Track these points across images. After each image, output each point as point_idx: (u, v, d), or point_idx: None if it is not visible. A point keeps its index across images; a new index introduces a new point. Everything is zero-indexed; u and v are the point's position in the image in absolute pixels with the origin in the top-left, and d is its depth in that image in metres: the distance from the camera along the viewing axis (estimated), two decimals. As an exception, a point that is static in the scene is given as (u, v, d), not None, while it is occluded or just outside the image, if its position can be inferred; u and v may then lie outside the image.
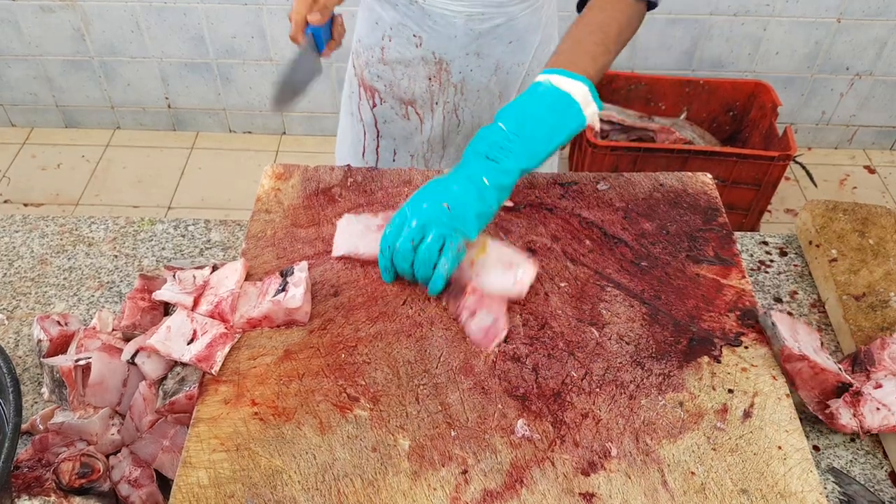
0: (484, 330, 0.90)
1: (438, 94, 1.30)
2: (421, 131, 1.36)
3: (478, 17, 1.19)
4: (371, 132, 1.40)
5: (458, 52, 1.23)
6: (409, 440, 0.81)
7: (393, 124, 1.37)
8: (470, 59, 1.24)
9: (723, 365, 0.89)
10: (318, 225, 1.04)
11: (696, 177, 1.13)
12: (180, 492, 0.76)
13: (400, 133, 1.38)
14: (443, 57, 1.24)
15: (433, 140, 1.38)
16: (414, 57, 1.25)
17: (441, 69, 1.26)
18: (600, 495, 0.77)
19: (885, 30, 2.55)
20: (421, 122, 1.35)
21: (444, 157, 1.41)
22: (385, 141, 1.40)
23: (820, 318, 1.09)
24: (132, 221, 1.22)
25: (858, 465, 0.91)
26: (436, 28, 1.21)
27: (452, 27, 1.20)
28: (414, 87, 1.30)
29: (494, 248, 0.96)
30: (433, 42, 1.23)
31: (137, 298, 0.97)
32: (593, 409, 0.84)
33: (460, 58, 1.24)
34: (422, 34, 1.22)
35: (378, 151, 1.42)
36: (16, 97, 2.85)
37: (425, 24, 1.21)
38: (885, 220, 1.15)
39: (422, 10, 1.20)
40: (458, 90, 1.29)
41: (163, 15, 2.59)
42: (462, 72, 1.26)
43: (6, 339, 1.03)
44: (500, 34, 1.22)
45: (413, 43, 1.24)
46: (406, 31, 1.23)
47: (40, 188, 2.70)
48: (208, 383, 0.86)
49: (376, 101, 1.35)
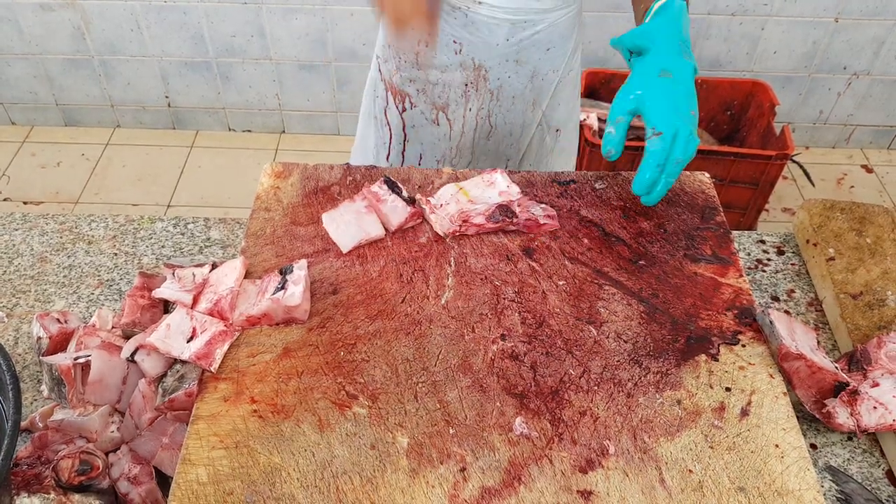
0: None
1: (474, 99, 1.30)
2: (450, 137, 1.36)
3: (521, 25, 1.20)
4: (398, 136, 1.39)
5: (497, 59, 1.24)
6: (407, 438, 0.81)
7: (422, 129, 1.37)
8: (509, 65, 1.25)
9: (720, 363, 0.89)
10: (318, 223, 1.04)
11: (693, 176, 1.13)
12: (179, 489, 0.76)
13: (428, 138, 1.38)
14: (482, 63, 1.24)
15: (462, 146, 1.38)
16: (452, 63, 1.25)
17: (479, 76, 1.26)
18: (598, 493, 0.77)
19: (882, 29, 2.55)
20: (451, 128, 1.35)
21: (471, 163, 1.41)
22: (412, 146, 1.40)
23: (817, 316, 1.10)
24: (132, 219, 1.22)
25: (855, 464, 0.92)
26: (478, 35, 1.21)
27: (495, 35, 1.20)
28: (448, 93, 1.30)
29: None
30: (473, 49, 1.23)
31: (137, 296, 0.98)
32: (591, 407, 0.84)
33: (500, 65, 1.25)
34: (462, 41, 1.22)
35: (404, 155, 1.42)
36: (16, 95, 2.85)
37: (467, 30, 1.21)
38: (882, 218, 1.16)
39: (465, 17, 1.19)
40: (494, 96, 1.29)
41: (163, 14, 2.59)
42: (500, 78, 1.27)
43: (6, 337, 1.04)
44: (539, 41, 1.23)
45: (452, 49, 1.23)
46: (445, 38, 1.23)
47: (40, 186, 2.70)
48: (207, 381, 0.86)
49: (406, 105, 1.34)
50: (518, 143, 1.38)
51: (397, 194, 1.04)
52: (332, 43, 2.65)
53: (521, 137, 1.38)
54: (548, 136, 1.40)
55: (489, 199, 1.06)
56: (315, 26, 2.60)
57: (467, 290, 0.96)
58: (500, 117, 1.33)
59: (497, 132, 1.36)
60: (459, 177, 1.12)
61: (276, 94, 2.82)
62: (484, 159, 1.41)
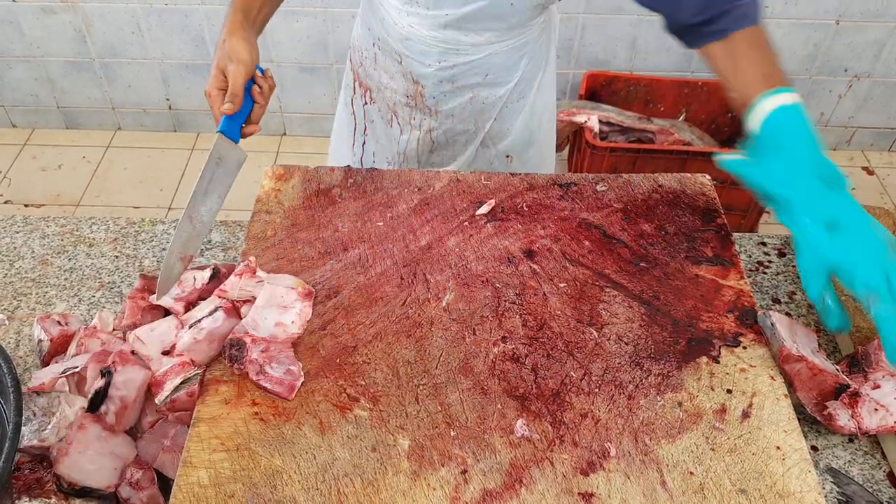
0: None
1: (416, 112, 1.30)
2: (398, 143, 1.37)
3: (453, 52, 1.19)
4: (360, 127, 1.40)
5: (432, 79, 1.24)
6: (408, 440, 0.81)
7: (378, 127, 1.37)
8: (444, 86, 1.24)
9: (721, 365, 0.89)
10: (318, 226, 1.04)
11: (694, 178, 1.13)
12: (181, 491, 0.76)
13: (382, 137, 1.38)
14: (419, 80, 1.25)
15: (409, 154, 1.38)
16: (396, 71, 1.26)
17: (417, 90, 1.26)
18: (599, 495, 0.77)
19: (883, 31, 2.55)
20: (400, 133, 1.35)
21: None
22: (368, 142, 1.40)
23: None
24: (133, 222, 1.22)
25: (857, 466, 0.92)
26: (413, 53, 1.21)
27: (427, 56, 1.21)
28: (396, 98, 1.30)
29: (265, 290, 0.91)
30: (411, 63, 1.23)
31: (138, 298, 0.98)
32: (592, 410, 0.84)
33: (434, 85, 1.24)
34: (401, 54, 1.23)
35: (364, 148, 1.42)
36: (17, 98, 2.85)
37: (404, 45, 1.21)
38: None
39: (401, 34, 1.20)
40: (432, 112, 1.29)
41: (163, 16, 2.59)
42: (436, 97, 1.26)
43: (7, 340, 1.04)
44: (476, 66, 1.21)
45: (395, 59, 1.24)
46: (389, 47, 1.24)
47: (41, 189, 2.70)
48: (209, 383, 0.86)
49: (367, 99, 1.35)
50: (459, 162, 1.38)
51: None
52: (333, 45, 2.65)
53: (464, 156, 1.37)
54: (495, 160, 1.38)
55: None
56: (316, 28, 2.60)
57: (468, 293, 0.96)
58: (441, 134, 1.33)
59: (439, 147, 1.36)
60: (460, 178, 1.12)
61: (276, 96, 2.82)
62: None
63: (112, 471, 0.84)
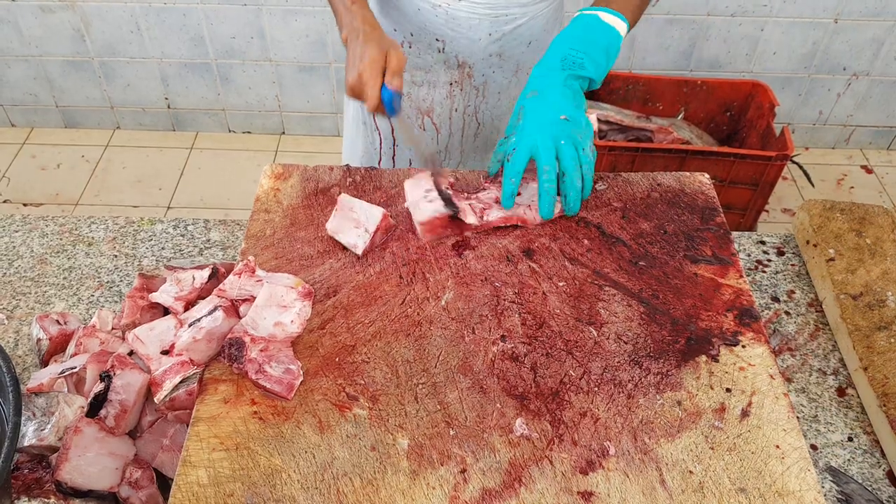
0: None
1: (459, 98, 1.31)
2: (437, 140, 1.37)
3: (503, 19, 1.20)
4: (388, 140, 1.40)
5: (481, 55, 1.25)
6: (407, 439, 0.81)
7: (409, 133, 1.38)
8: (492, 60, 1.26)
9: (721, 364, 0.89)
10: (318, 225, 1.04)
11: (693, 176, 1.13)
12: (180, 490, 0.76)
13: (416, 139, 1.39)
14: (465, 60, 1.25)
15: (451, 146, 1.38)
16: (436, 62, 1.26)
17: (463, 73, 1.27)
18: (599, 494, 0.77)
19: (882, 30, 2.55)
20: (437, 132, 1.35)
21: (460, 163, 1.41)
22: (401, 149, 1.41)
23: (817, 317, 1.10)
24: (132, 221, 1.22)
25: (856, 465, 0.92)
26: (460, 31, 1.22)
27: (477, 31, 1.21)
28: (433, 94, 1.31)
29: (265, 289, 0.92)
30: (456, 45, 1.24)
31: (137, 297, 0.98)
32: (591, 409, 0.84)
33: (483, 60, 1.26)
34: (445, 38, 1.23)
35: (394, 160, 1.43)
36: (16, 97, 2.85)
37: (449, 27, 1.22)
38: (882, 219, 1.16)
39: (447, 15, 1.20)
40: (479, 93, 1.30)
41: (162, 15, 2.59)
42: (485, 74, 1.28)
43: (6, 339, 1.04)
44: (521, 35, 1.24)
45: (435, 48, 1.24)
46: (427, 37, 1.24)
47: (40, 188, 2.70)
48: (208, 382, 0.86)
49: None
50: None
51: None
52: (331, 44, 2.65)
53: None
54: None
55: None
56: (315, 28, 2.60)
57: (467, 292, 0.96)
58: (487, 114, 1.34)
59: (484, 129, 1.37)
60: (459, 177, 1.12)
61: (275, 95, 2.82)
62: (473, 157, 1.41)
63: (113, 471, 0.84)
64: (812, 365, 1.04)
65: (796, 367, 1.04)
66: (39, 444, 0.85)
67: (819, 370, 1.03)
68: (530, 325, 0.92)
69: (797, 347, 1.06)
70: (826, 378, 1.02)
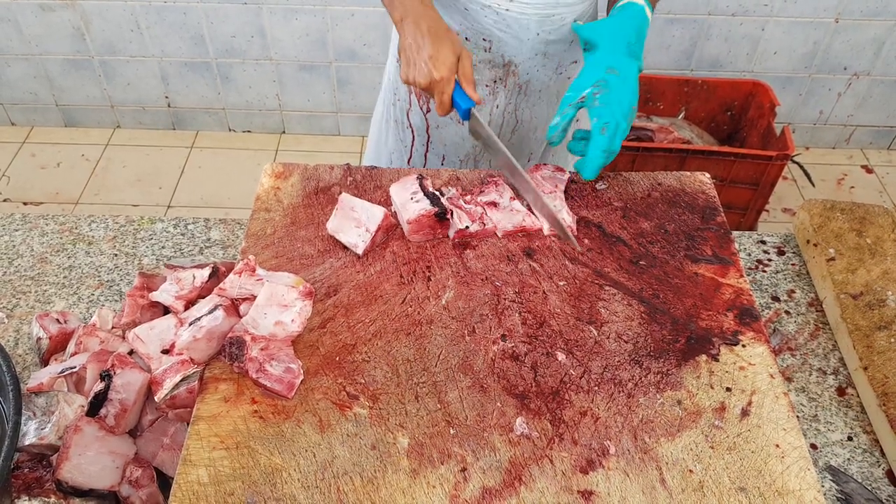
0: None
1: (501, 95, 1.31)
2: None
3: (550, 19, 1.21)
4: (421, 138, 1.40)
5: (527, 54, 1.25)
6: (408, 438, 0.81)
7: (446, 129, 1.37)
8: (537, 59, 1.26)
9: (721, 363, 0.89)
10: (318, 224, 1.04)
11: (694, 176, 1.13)
12: (180, 489, 0.76)
13: (452, 138, 1.38)
14: (511, 59, 1.26)
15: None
16: (481, 61, 1.26)
17: (508, 71, 1.27)
18: (599, 493, 0.77)
19: (882, 30, 2.55)
20: None
21: (494, 159, 1.41)
22: (435, 146, 1.41)
23: (817, 316, 1.10)
24: (132, 220, 1.22)
25: (856, 464, 0.92)
26: (509, 32, 1.22)
27: (526, 30, 1.22)
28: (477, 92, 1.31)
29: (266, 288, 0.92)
30: (503, 46, 1.24)
31: (137, 296, 0.98)
32: (592, 408, 0.84)
33: (528, 59, 1.26)
34: (492, 38, 1.23)
35: (426, 157, 1.43)
36: (16, 96, 2.85)
37: (498, 28, 1.22)
38: (882, 219, 1.16)
39: (497, 15, 1.21)
40: (522, 90, 1.31)
41: (162, 14, 2.59)
42: (529, 73, 1.28)
43: (6, 338, 1.04)
44: (564, 34, 1.24)
45: (482, 47, 1.25)
46: (475, 37, 1.24)
47: (40, 187, 2.70)
48: (208, 381, 0.86)
49: (430, 105, 1.35)
50: (542, 137, 1.39)
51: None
52: (332, 43, 2.65)
53: (546, 130, 1.38)
54: (568, 127, 1.40)
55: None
56: (315, 27, 2.60)
57: (468, 291, 0.96)
58: (527, 111, 1.34)
59: (522, 126, 1.37)
60: (459, 177, 1.12)
61: (276, 94, 2.82)
62: (512, 153, 1.41)
63: (114, 469, 0.84)
64: (812, 364, 1.04)
65: (796, 366, 1.04)
66: (40, 444, 0.85)
67: (819, 370, 1.03)
68: (531, 325, 0.92)
69: (797, 347, 1.06)
70: (826, 377, 1.02)
